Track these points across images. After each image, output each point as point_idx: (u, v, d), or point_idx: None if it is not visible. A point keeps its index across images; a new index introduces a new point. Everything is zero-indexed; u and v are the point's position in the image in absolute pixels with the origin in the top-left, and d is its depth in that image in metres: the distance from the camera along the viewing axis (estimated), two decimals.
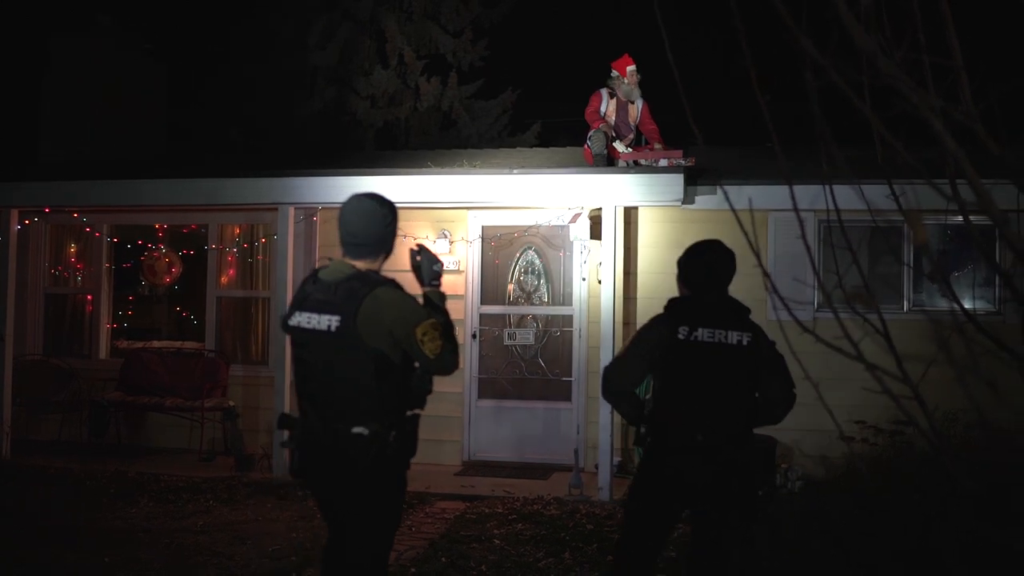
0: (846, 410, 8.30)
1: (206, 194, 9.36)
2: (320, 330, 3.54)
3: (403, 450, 3.65)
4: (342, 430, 3.51)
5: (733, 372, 4.20)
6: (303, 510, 7.79)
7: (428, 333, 3.50)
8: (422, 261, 3.79)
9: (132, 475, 8.96)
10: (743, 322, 4.24)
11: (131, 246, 10.84)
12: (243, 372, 10.23)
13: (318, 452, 3.61)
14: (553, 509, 7.84)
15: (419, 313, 3.55)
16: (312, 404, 3.62)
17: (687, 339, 4.17)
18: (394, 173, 9.01)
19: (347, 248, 3.70)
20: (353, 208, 3.72)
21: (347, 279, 3.57)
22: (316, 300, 3.58)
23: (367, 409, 3.53)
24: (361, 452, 3.52)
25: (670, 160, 8.80)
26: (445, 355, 3.56)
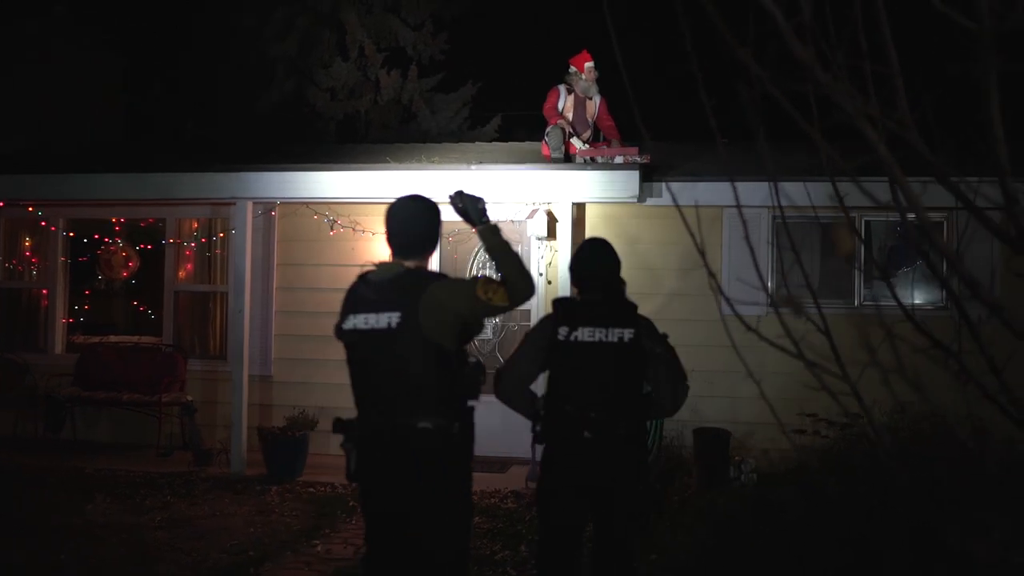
0: (799, 403, 8.42)
1: (162, 189, 9.32)
2: (380, 329, 3.58)
3: (467, 441, 3.68)
4: (407, 425, 3.53)
5: (615, 368, 4.31)
6: (260, 504, 7.82)
7: (488, 287, 3.54)
8: (466, 203, 3.77)
9: (89, 471, 8.92)
10: (626, 319, 4.34)
11: (87, 240, 10.76)
12: (201, 367, 10.20)
13: (381, 451, 3.60)
14: (510, 502, 7.93)
15: (470, 282, 3.64)
16: (374, 403, 3.63)
17: (567, 339, 4.29)
18: (352, 168, 9.03)
19: (396, 249, 3.76)
20: (399, 211, 3.78)
21: (399, 276, 3.64)
22: (371, 300, 3.62)
23: (430, 403, 3.56)
24: (428, 446, 3.54)
25: (626, 157, 8.90)
26: (515, 291, 3.57)
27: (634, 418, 4.33)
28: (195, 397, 9.99)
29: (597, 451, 4.22)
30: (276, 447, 8.76)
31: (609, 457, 4.24)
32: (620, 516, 4.29)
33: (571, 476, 4.27)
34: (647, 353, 4.30)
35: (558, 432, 4.32)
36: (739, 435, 8.93)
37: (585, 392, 4.28)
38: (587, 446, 4.23)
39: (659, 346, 4.33)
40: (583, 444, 4.23)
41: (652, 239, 9.13)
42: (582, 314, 4.34)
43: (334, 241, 9.77)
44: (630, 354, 4.28)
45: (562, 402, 4.30)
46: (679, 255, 9.27)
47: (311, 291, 9.83)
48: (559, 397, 4.32)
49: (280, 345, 10.01)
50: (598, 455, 4.23)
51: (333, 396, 9.40)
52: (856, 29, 2.25)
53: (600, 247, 4.53)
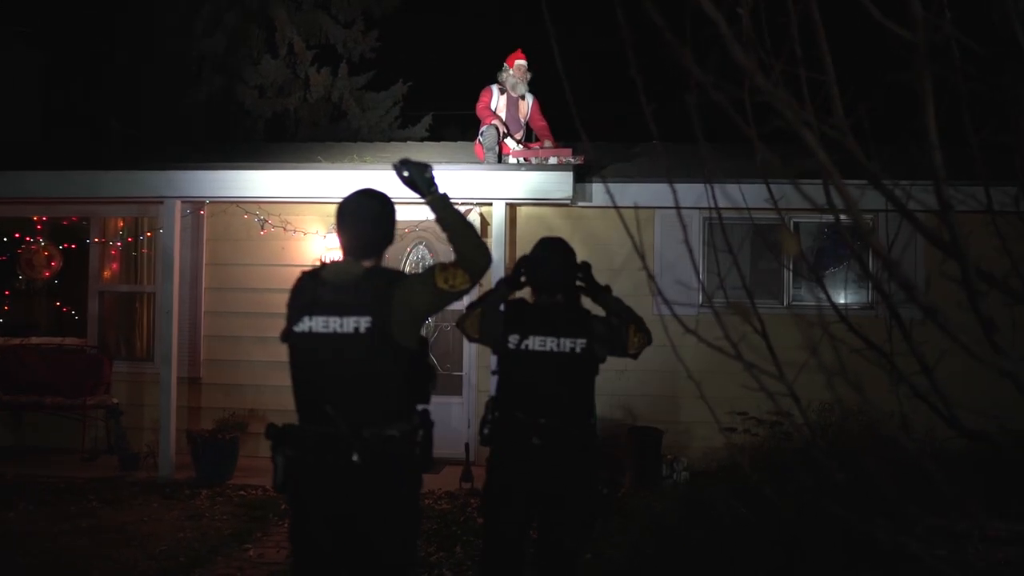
0: (729, 402, 8.52)
1: (86, 187, 9.10)
2: (344, 333, 3.42)
3: (428, 447, 3.56)
4: (373, 433, 3.38)
5: (567, 377, 4.28)
6: (190, 509, 7.68)
7: (446, 274, 3.40)
8: (412, 173, 3.58)
9: (9, 477, 8.68)
10: (579, 328, 4.29)
11: (7, 239, 10.45)
12: (127, 368, 9.99)
13: (336, 461, 3.41)
14: (444, 504, 7.90)
15: (427, 274, 3.45)
16: (334, 409, 3.41)
17: (517, 348, 4.26)
18: (283, 167, 8.92)
19: (352, 249, 3.58)
20: (354, 211, 3.59)
21: (364, 278, 3.49)
22: (332, 303, 3.46)
23: (396, 410, 3.44)
24: (395, 455, 3.41)
25: (560, 159, 8.93)
26: (473, 266, 3.42)
27: (585, 423, 4.32)
28: (121, 400, 9.78)
29: (547, 457, 4.20)
30: (206, 450, 8.61)
31: (559, 463, 4.22)
32: (570, 524, 4.28)
33: (520, 481, 4.25)
34: (599, 360, 4.29)
35: (507, 437, 4.29)
36: (672, 434, 9.02)
37: (536, 400, 4.25)
38: (537, 452, 4.20)
39: (608, 331, 4.30)
40: (532, 450, 4.20)
41: (583, 240, 9.15)
42: (534, 321, 4.29)
43: (264, 240, 9.65)
44: (581, 364, 4.26)
45: (512, 408, 4.27)
46: (610, 255, 9.33)
47: (241, 291, 9.69)
48: (509, 402, 4.29)
49: (209, 346, 9.85)
50: (548, 461, 4.20)
51: (263, 398, 9.33)
52: (792, 38, 2.29)
53: (558, 248, 4.44)
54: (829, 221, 9.35)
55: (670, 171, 9.40)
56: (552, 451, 4.20)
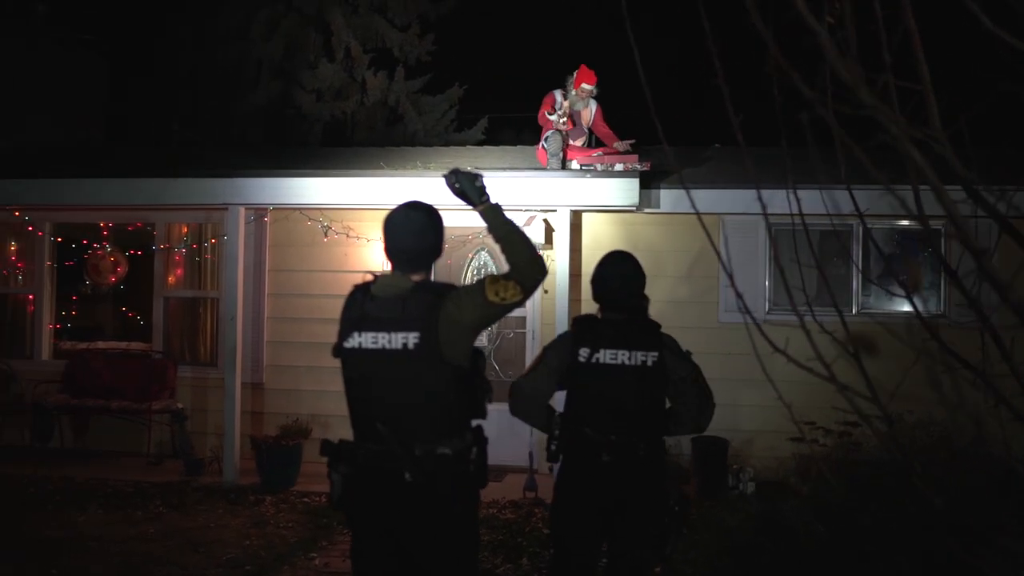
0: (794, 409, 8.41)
1: (153, 194, 9.19)
2: (393, 349, 3.36)
3: (483, 465, 3.49)
4: (425, 451, 3.32)
5: (639, 392, 4.17)
6: (255, 515, 7.71)
7: (497, 287, 3.31)
8: (463, 183, 3.53)
9: (79, 480, 8.78)
10: (651, 340, 4.20)
11: (75, 244, 10.59)
12: (191, 373, 10.06)
13: (389, 480, 3.35)
14: (509, 513, 7.84)
15: (478, 287, 3.36)
16: (385, 427, 3.34)
17: (588, 361, 4.16)
18: (346, 175, 8.92)
19: (400, 263, 3.50)
20: (403, 223, 3.51)
21: (413, 292, 3.41)
22: (381, 318, 3.40)
23: (448, 427, 3.37)
24: (448, 473, 3.34)
25: (627, 165, 8.83)
26: (526, 278, 3.33)
27: (654, 439, 4.24)
28: (185, 404, 9.86)
29: (617, 474, 4.13)
30: (270, 456, 8.63)
31: (629, 481, 4.15)
32: (640, 541, 4.20)
33: (589, 499, 4.17)
34: (671, 374, 4.19)
35: (576, 454, 4.22)
36: (737, 443, 8.89)
37: (606, 415, 4.16)
38: (606, 469, 4.13)
39: (684, 367, 4.20)
40: (602, 467, 4.13)
41: (649, 246, 9.05)
42: (604, 334, 4.19)
43: (327, 247, 9.66)
44: (653, 377, 4.16)
45: (581, 424, 4.18)
46: (676, 262, 9.23)
47: (303, 297, 9.72)
48: (578, 418, 4.21)
49: (271, 352, 9.90)
50: (618, 478, 4.13)
51: (325, 404, 9.33)
52: (883, 46, 2.20)
53: (626, 262, 4.35)
54: (900, 227, 9.16)
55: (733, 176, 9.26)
56: (622, 468, 4.12)
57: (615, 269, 4.35)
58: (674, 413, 4.26)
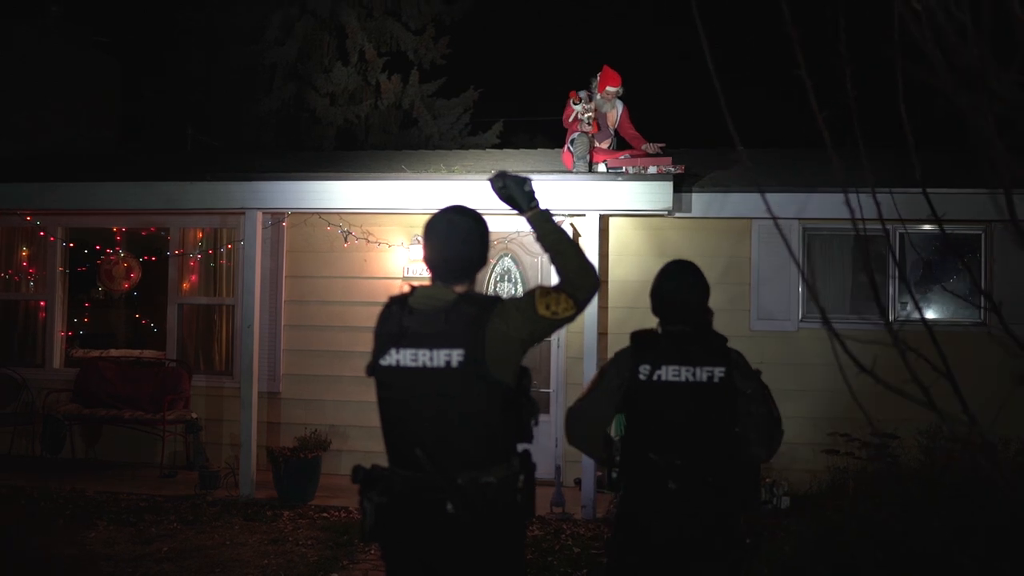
0: (828, 422, 8.14)
1: (168, 198, 8.95)
2: (434, 367, 3.07)
3: (531, 495, 3.17)
4: (468, 480, 3.02)
5: (705, 411, 3.83)
6: (273, 532, 7.43)
7: (548, 299, 3.04)
8: (510, 187, 3.25)
9: (90, 494, 8.53)
10: (716, 355, 3.87)
11: (87, 250, 10.35)
12: (206, 383, 9.80)
13: (429, 511, 3.06)
14: (536, 529, 7.54)
15: (527, 299, 3.08)
16: (424, 452, 3.06)
17: (649, 379, 3.81)
18: (367, 178, 8.66)
19: (441, 273, 3.21)
20: (445, 230, 3.21)
21: (454, 306, 3.11)
22: (421, 334, 3.10)
23: (492, 452, 3.08)
24: (494, 503, 3.04)
25: (660, 167, 8.52)
26: (578, 290, 3.09)
27: (724, 465, 3.89)
28: (200, 414, 9.61)
29: (684, 503, 3.79)
30: (287, 470, 8.34)
31: (696, 509, 3.81)
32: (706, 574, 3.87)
33: (655, 532, 3.84)
34: (739, 392, 3.85)
35: (640, 481, 3.88)
36: None
37: (670, 437, 3.82)
38: (673, 497, 3.79)
39: (751, 385, 3.86)
40: (668, 495, 3.79)
41: (678, 252, 8.73)
42: (666, 350, 3.85)
43: (347, 252, 9.39)
44: (721, 395, 3.80)
45: (644, 448, 3.85)
46: (706, 268, 8.82)
47: (322, 304, 9.46)
48: (640, 443, 3.85)
49: (289, 361, 9.63)
50: (686, 508, 3.79)
51: (345, 414, 9.08)
52: None
53: (688, 271, 4.03)
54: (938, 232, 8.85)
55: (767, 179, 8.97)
56: (690, 496, 3.78)
57: (676, 280, 4.01)
58: (741, 436, 3.90)
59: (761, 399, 3.89)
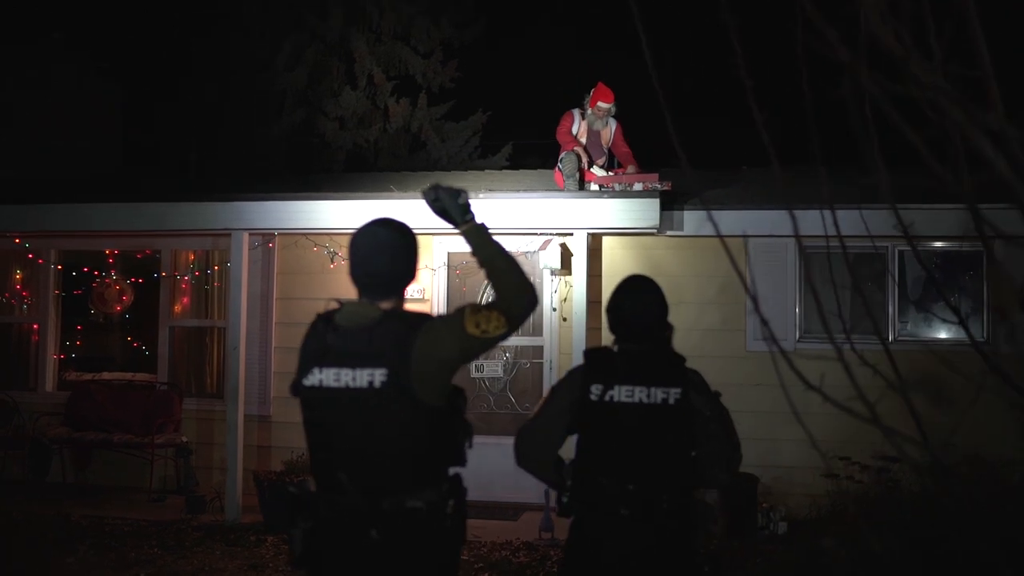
0: (828, 445, 7.90)
1: (154, 219, 8.87)
2: (357, 387, 2.92)
3: (461, 521, 3.04)
4: (393, 505, 2.90)
5: (660, 434, 3.63)
6: (253, 558, 7.28)
7: (478, 318, 2.90)
8: (443, 199, 3.10)
9: (76, 518, 8.42)
10: (672, 376, 3.67)
11: (76, 273, 10.31)
12: (197, 406, 9.70)
13: (354, 535, 2.93)
14: (523, 555, 7.36)
15: (456, 317, 2.94)
16: (349, 476, 2.96)
17: (600, 399, 3.62)
18: (351, 197, 8.56)
19: (366, 289, 3.06)
20: (369, 243, 3.08)
21: (378, 323, 2.97)
22: (344, 352, 2.96)
23: (419, 476, 2.95)
24: (419, 529, 2.92)
25: (645, 184, 8.39)
26: (512, 307, 2.93)
27: (679, 490, 3.69)
28: (191, 438, 9.50)
29: (637, 531, 3.59)
30: (273, 494, 8.20)
31: (650, 537, 3.61)
32: None
33: (605, 558, 3.65)
34: (696, 414, 3.64)
35: (590, 507, 3.69)
36: (768, 479, 8.37)
37: (623, 461, 3.62)
38: (625, 525, 3.60)
39: (709, 407, 3.66)
40: (620, 522, 3.60)
41: (671, 271, 8.60)
42: (620, 369, 3.65)
43: (336, 274, 9.28)
44: (677, 417, 3.60)
45: (595, 473, 3.65)
46: (700, 287, 8.77)
47: None
48: (592, 467, 3.64)
49: (280, 383, 9.50)
50: (637, 534, 3.59)
51: None
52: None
53: (644, 287, 3.84)
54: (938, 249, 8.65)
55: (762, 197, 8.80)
56: (643, 524, 3.59)
57: (633, 295, 3.81)
58: (697, 461, 3.67)
59: (719, 421, 3.70)
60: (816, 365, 2.15)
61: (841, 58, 1.74)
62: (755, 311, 2.01)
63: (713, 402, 3.69)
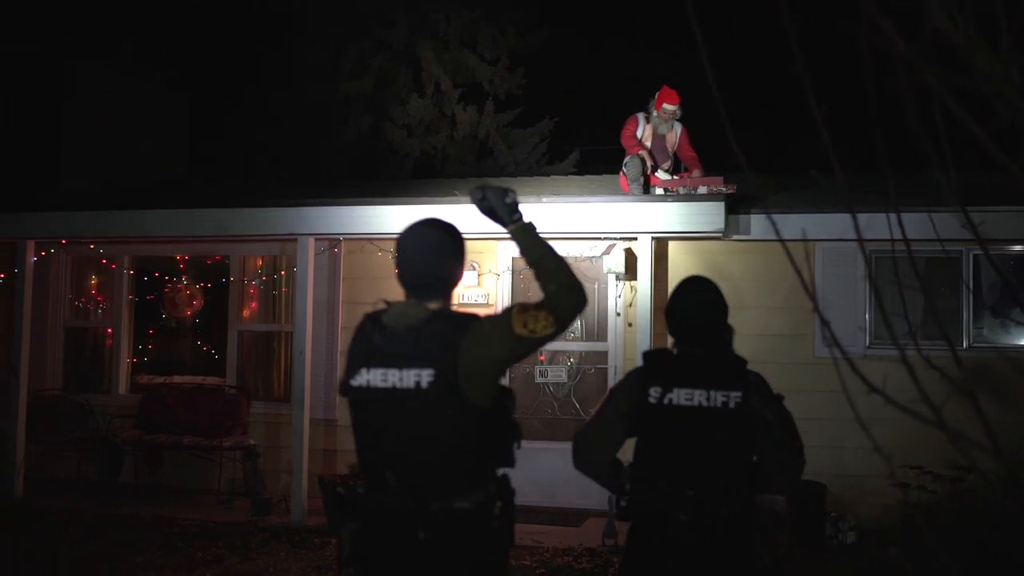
0: (900, 452, 7.71)
1: (218, 225, 9.01)
2: (404, 388, 2.91)
3: (509, 523, 2.99)
4: (440, 505, 2.89)
5: (718, 438, 3.56)
6: (318, 559, 7.34)
7: (526, 317, 2.86)
8: (490, 199, 3.08)
9: (146, 519, 8.57)
10: (733, 379, 3.59)
11: (148, 278, 10.53)
12: (265, 409, 9.83)
13: (403, 538, 2.92)
14: (585, 561, 7.31)
15: (504, 317, 2.91)
16: (397, 476, 2.94)
17: (659, 402, 3.55)
18: (418, 203, 8.60)
19: (413, 289, 3.05)
20: (416, 243, 3.06)
21: (425, 323, 2.96)
22: (391, 353, 2.95)
23: (467, 478, 2.93)
24: (466, 532, 2.90)
25: (710, 187, 8.29)
26: (560, 308, 2.90)
27: (740, 496, 3.59)
28: (259, 441, 9.62)
29: (696, 536, 3.53)
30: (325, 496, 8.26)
31: (711, 544, 3.54)
32: None
33: (664, 565, 3.58)
34: (757, 418, 3.55)
35: (648, 512, 3.63)
36: (838, 488, 8.19)
37: (681, 466, 3.56)
38: (683, 530, 3.54)
39: (771, 411, 3.57)
40: (678, 528, 3.55)
41: (737, 276, 8.48)
42: (679, 372, 3.60)
43: None
44: (737, 421, 3.53)
45: (653, 477, 3.57)
46: (767, 292, 8.62)
47: None
48: (650, 471, 3.59)
49: None
50: (697, 541, 3.52)
51: None
52: None
53: (702, 288, 3.77)
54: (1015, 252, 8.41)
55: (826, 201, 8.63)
56: (702, 529, 3.50)
57: (690, 297, 3.75)
58: (759, 467, 3.61)
59: (782, 425, 3.62)
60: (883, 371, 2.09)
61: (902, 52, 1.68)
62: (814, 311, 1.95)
63: (776, 406, 3.61)
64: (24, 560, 7.26)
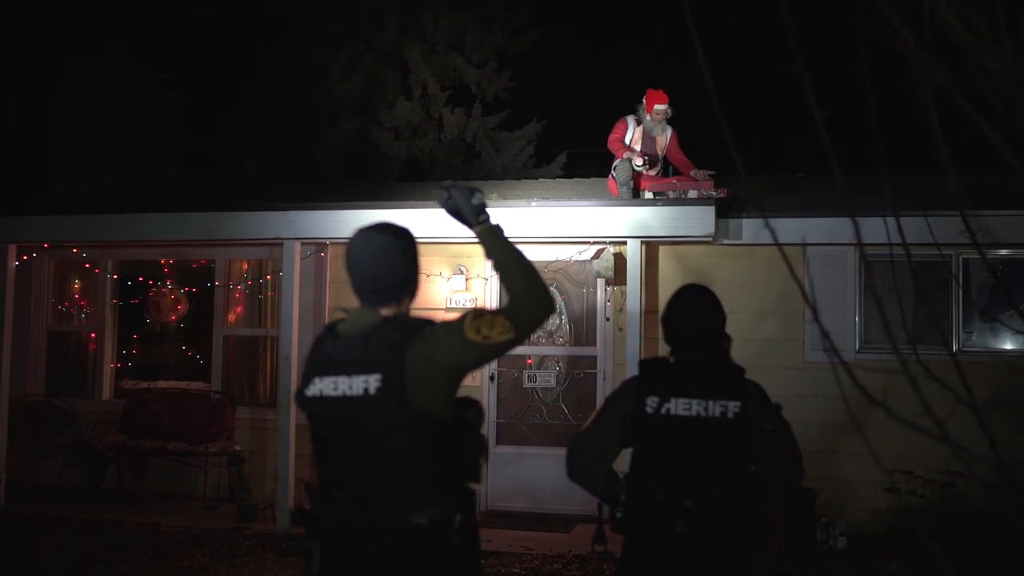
0: (890, 458, 7.67)
1: (205, 229, 8.91)
2: (353, 396, 2.82)
3: (471, 538, 2.89)
4: (394, 520, 2.78)
5: (717, 449, 3.51)
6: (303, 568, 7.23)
7: (480, 323, 2.76)
8: (457, 198, 3.02)
9: (130, 526, 8.47)
10: (731, 388, 3.54)
11: (131, 283, 10.41)
12: (250, 414, 9.72)
13: (357, 553, 2.82)
14: (574, 568, 7.24)
15: (458, 323, 2.81)
16: (348, 491, 2.84)
17: (656, 412, 3.50)
18: (405, 206, 8.51)
19: (364, 296, 2.97)
20: (363, 247, 2.99)
21: (374, 329, 2.87)
22: (341, 360, 2.87)
23: (423, 490, 2.82)
24: (424, 547, 2.80)
25: (700, 191, 8.24)
26: (522, 313, 2.80)
27: (737, 507, 3.52)
28: (244, 446, 9.52)
29: (693, 549, 3.47)
30: None
31: (706, 555, 3.49)
32: None
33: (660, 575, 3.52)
34: (755, 428, 3.50)
35: (645, 524, 3.56)
36: (829, 493, 8.14)
37: (679, 477, 3.50)
38: (680, 542, 3.49)
39: (770, 421, 3.52)
40: (675, 539, 3.49)
41: (727, 280, 8.43)
42: (676, 381, 3.55)
43: None
44: (735, 431, 3.47)
45: (649, 487, 3.51)
46: (756, 297, 8.58)
47: None
48: (647, 482, 3.52)
49: None
50: (694, 554, 3.46)
51: None
52: None
53: (700, 297, 3.74)
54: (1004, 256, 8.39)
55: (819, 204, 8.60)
56: (699, 540, 3.45)
57: (687, 305, 3.71)
58: (757, 477, 3.54)
59: (781, 435, 3.56)
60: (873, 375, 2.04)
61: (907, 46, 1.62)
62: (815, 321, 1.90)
63: (774, 416, 3.55)
64: (2, 569, 7.15)
